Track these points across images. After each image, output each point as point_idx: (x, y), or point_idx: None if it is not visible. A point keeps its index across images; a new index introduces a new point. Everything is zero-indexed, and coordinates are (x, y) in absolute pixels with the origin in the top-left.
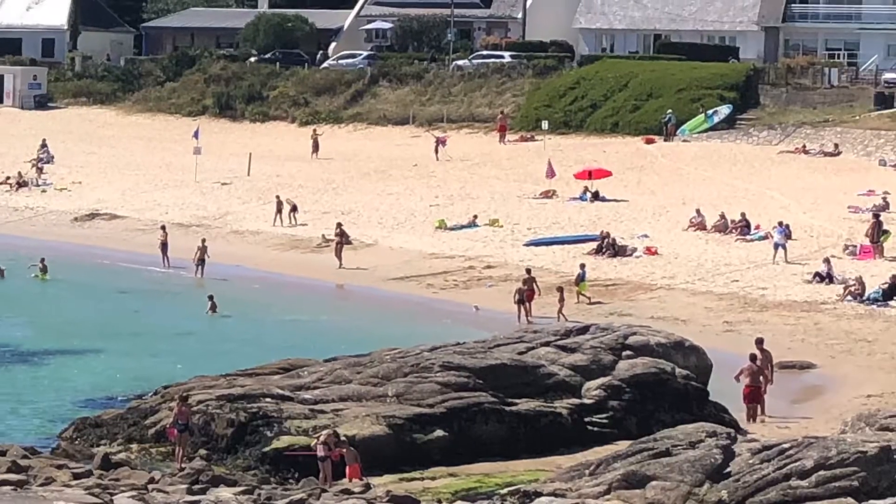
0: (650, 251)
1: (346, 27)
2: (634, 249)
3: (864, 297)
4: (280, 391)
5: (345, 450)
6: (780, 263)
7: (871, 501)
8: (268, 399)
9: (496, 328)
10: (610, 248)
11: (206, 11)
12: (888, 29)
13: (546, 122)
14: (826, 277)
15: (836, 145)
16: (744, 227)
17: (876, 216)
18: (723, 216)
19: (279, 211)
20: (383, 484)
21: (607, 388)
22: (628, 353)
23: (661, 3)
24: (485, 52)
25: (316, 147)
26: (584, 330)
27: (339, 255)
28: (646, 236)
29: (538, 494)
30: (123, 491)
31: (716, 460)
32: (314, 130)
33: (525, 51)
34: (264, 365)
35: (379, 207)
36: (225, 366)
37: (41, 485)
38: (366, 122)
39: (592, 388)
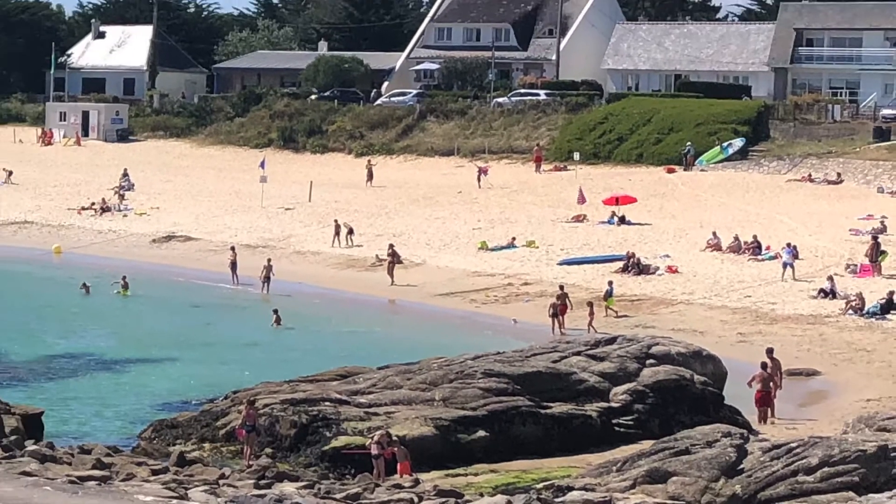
0: (671, 270)
1: (397, 68)
2: (657, 268)
3: (864, 311)
4: (338, 396)
5: (396, 448)
6: (789, 281)
7: (871, 495)
8: (327, 403)
9: (533, 339)
10: (635, 266)
11: (271, 54)
12: (885, 70)
13: (577, 153)
14: (830, 293)
15: (839, 174)
16: (755, 248)
17: (874, 238)
18: (737, 238)
19: (337, 233)
20: (431, 479)
21: (632, 393)
22: (651, 361)
23: (681, 46)
24: (522, 91)
25: (370, 176)
26: (612, 341)
27: (391, 273)
28: (667, 256)
29: (570, 489)
30: (197, 486)
31: (730, 458)
32: (368, 161)
33: (558, 89)
34: (324, 372)
35: (427, 230)
36: (288, 373)
37: (122, 480)
38: (415, 154)
39: (619, 393)
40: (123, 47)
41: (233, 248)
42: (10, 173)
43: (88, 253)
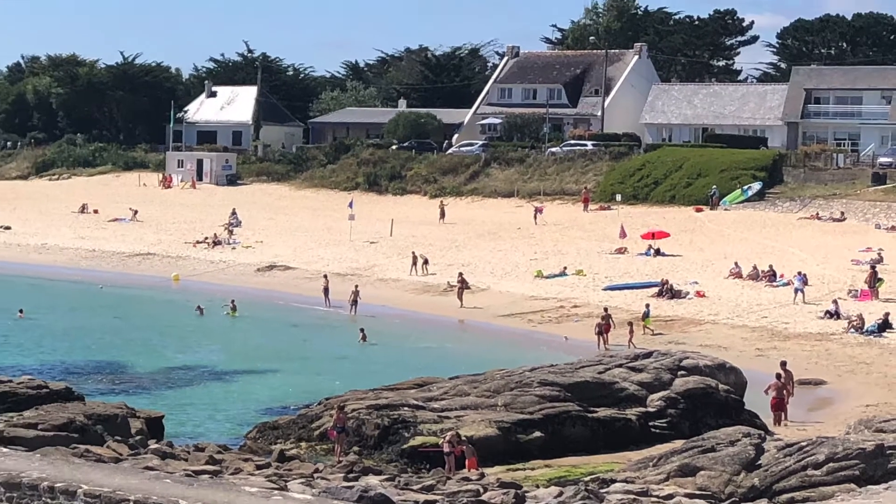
0: (699, 294)
1: (465, 122)
2: (687, 293)
3: (864, 330)
4: (415, 402)
5: (464, 447)
6: (799, 304)
7: (869, 486)
8: (405, 408)
9: (581, 354)
10: (668, 292)
11: (358, 110)
12: (882, 124)
13: (619, 195)
14: (834, 315)
15: (842, 213)
16: (771, 275)
17: (872, 267)
18: (755, 267)
19: (414, 263)
20: (494, 473)
21: (666, 400)
22: (682, 372)
23: (707, 104)
24: (572, 141)
25: (442, 214)
26: (649, 355)
27: (460, 297)
28: (696, 283)
29: (613, 481)
30: (295, 479)
31: (749, 455)
32: (441, 201)
33: (603, 140)
34: (403, 381)
35: (491, 260)
36: (372, 382)
37: (231, 474)
38: (481, 196)
39: (654, 400)
40: (232, 105)
41: (325, 276)
42: (136, 212)
43: (202, 280)
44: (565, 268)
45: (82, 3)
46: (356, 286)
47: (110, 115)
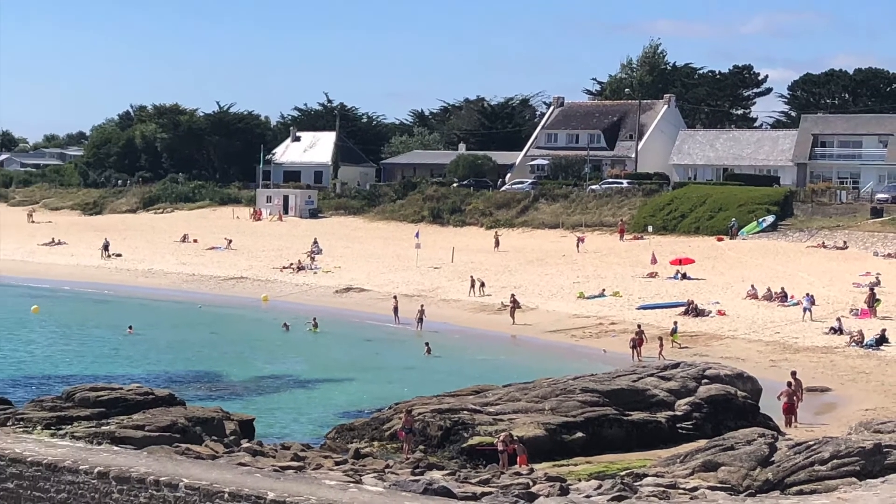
0: (720, 313)
1: (517, 163)
2: (710, 312)
3: (863, 344)
4: (473, 406)
5: (516, 445)
6: (807, 321)
7: (868, 480)
8: (464, 411)
9: (617, 364)
10: (693, 311)
11: (423, 152)
12: (879, 164)
13: (650, 226)
14: (838, 331)
15: (845, 242)
16: (783, 297)
17: (871, 290)
18: (769, 290)
19: (472, 286)
20: (542, 468)
21: (692, 405)
22: (706, 381)
23: (728, 147)
24: (610, 180)
25: (497, 243)
26: (676, 366)
27: (512, 315)
28: (717, 303)
29: (645, 475)
30: (368, 473)
31: (764, 452)
32: (496, 232)
33: (637, 179)
34: (462, 389)
35: (539, 283)
36: (436, 389)
37: (313, 469)
38: (530, 227)
39: (681, 405)
40: (314, 148)
41: (395, 297)
42: (230, 241)
43: (288, 300)
44: (604, 290)
45: (183, 59)
46: (422, 306)
47: (208, 156)
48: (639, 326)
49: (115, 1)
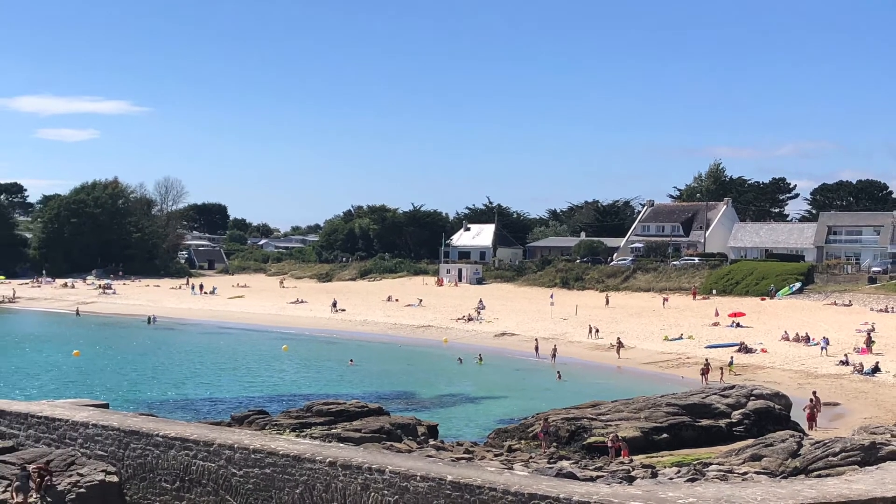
0: (763, 351)
1: (621, 245)
2: (756, 350)
3: (863, 372)
4: (590, 415)
5: (621, 443)
6: (824, 356)
7: (867, 467)
8: (585, 419)
9: (691, 386)
10: (744, 349)
11: (556, 238)
12: (873, 247)
13: (714, 290)
14: (845, 363)
15: (850, 301)
16: (806, 339)
17: (868, 334)
18: (797, 334)
19: (590, 332)
20: (638, 459)
21: (743, 415)
22: (753, 398)
23: (768, 235)
24: (685, 257)
25: (607, 301)
26: (732, 387)
27: (618, 352)
28: (761, 344)
29: (710, 464)
30: (518, 462)
31: (794, 448)
32: (606, 294)
33: (704, 257)
34: (583, 403)
35: (636, 330)
36: (565, 403)
37: (479, 459)
38: (630, 290)
39: (736, 414)
40: (479, 235)
41: (536, 339)
42: (421, 300)
43: (461, 342)
44: (682, 334)
45: (387, 173)
46: (555, 346)
47: (405, 241)
48: (706, 360)
49: (338, 133)
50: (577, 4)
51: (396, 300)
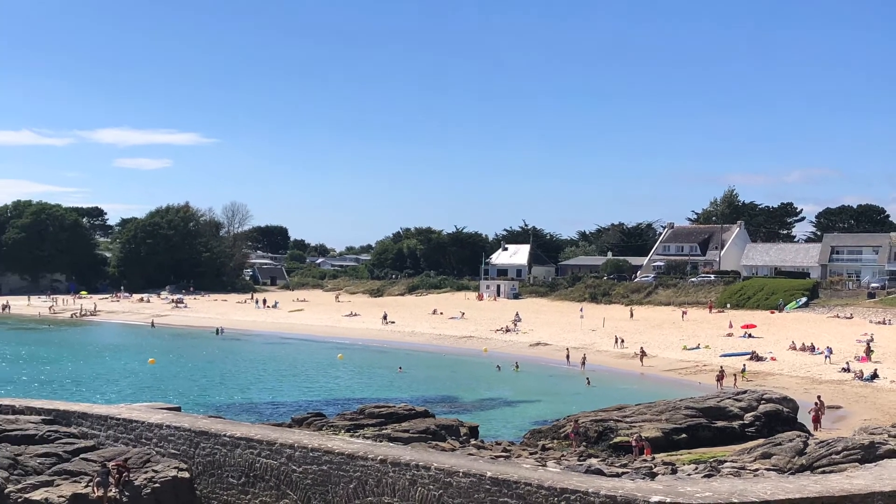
0: (773, 359)
1: (644, 264)
2: (766, 358)
3: (863, 378)
4: (616, 417)
5: (644, 442)
6: (827, 364)
7: (866, 465)
8: (611, 421)
9: (707, 391)
10: (755, 357)
11: (585, 257)
12: (872, 265)
13: (728, 304)
14: (847, 370)
15: (851, 314)
16: (812, 348)
17: (867, 344)
18: (803, 344)
19: (616, 342)
20: (659, 457)
21: (754, 417)
22: (763, 402)
23: (777, 254)
24: (703, 275)
25: (631, 315)
26: (744, 392)
27: (641, 360)
28: (771, 353)
29: (725, 461)
30: (551, 460)
31: (800, 446)
32: (631, 308)
33: (720, 274)
34: (609, 406)
35: (658, 340)
36: (593, 406)
37: (516, 457)
38: (652, 304)
39: (748, 417)
40: (516, 255)
41: (567, 349)
42: (463, 313)
43: (500, 351)
44: (699, 344)
45: (433, 197)
46: (584, 354)
47: (449, 260)
48: (721, 367)
49: (389, 162)
50: (606, 46)
51: (441, 313)
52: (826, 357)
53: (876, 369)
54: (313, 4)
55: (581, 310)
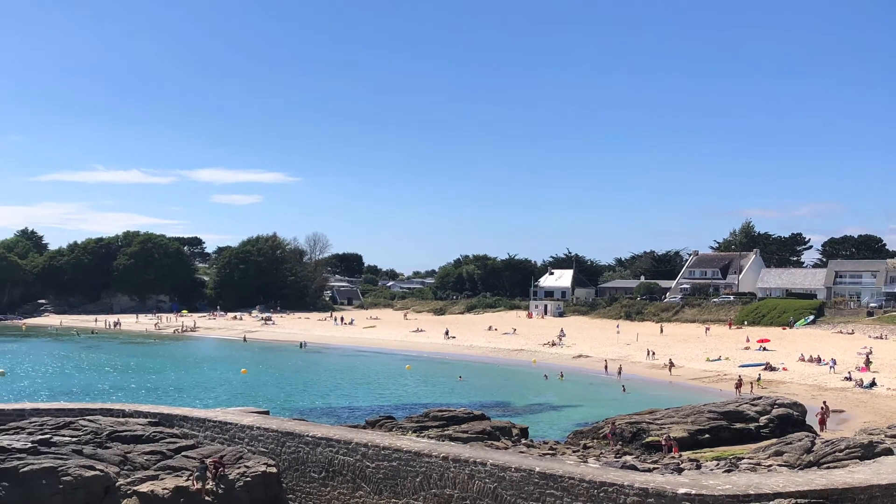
0: (784, 369)
1: (672, 286)
2: (778, 368)
3: (863, 386)
4: (648, 420)
5: (672, 441)
6: (832, 374)
7: (866, 461)
8: (644, 422)
9: (727, 397)
10: (769, 368)
11: (621, 280)
12: (871, 288)
13: (746, 321)
14: (849, 378)
15: (853, 330)
16: (818, 360)
17: (867, 356)
18: (811, 356)
19: (648, 354)
20: (686, 455)
21: (768, 419)
22: (776, 406)
23: (788, 278)
24: (723, 296)
25: (661, 330)
26: (759, 398)
27: (669, 370)
28: (783, 363)
29: (743, 458)
30: (591, 457)
31: (808, 445)
32: (661, 325)
33: (738, 295)
34: (642, 410)
35: (684, 353)
36: (627, 410)
37: (561, 455)
38: (680, 322)
39: (763, 419)
40: (561, 278)
41: (605, 360)
42: (515, 329)
43: (546, 362)
44: (720, 356)
45: (489, 229)
46: (620, 365)
47: (502, 283)
48: (739, 376)
49: (452, 198)
50: (640, 99)
51: (495, 329)
52: (831, 367)
53: (874, 378)
54: (389, 66)
55: (617, 326)
